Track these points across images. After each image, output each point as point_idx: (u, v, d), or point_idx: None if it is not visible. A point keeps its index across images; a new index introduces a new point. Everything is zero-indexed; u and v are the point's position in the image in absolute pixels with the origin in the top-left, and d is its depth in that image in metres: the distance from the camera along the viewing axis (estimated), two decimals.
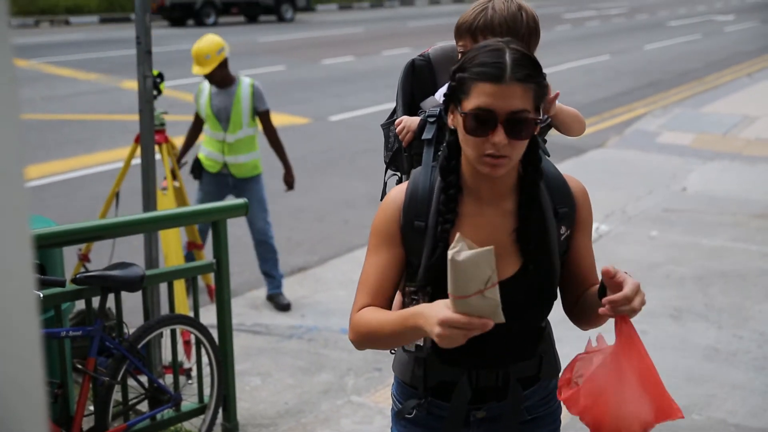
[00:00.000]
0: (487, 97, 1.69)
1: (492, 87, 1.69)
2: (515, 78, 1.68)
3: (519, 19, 2.08)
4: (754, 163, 9.53)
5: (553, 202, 1.89)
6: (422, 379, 1.97)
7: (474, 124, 1.71)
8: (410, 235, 1.86)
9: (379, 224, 1.90)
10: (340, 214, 7.62)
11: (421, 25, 24.86)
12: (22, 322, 0.73)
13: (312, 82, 14.58)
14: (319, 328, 5.23)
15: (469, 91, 1.72)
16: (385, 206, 1.90)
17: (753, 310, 5.44)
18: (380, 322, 1.79)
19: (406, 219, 1.86)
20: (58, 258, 3.49)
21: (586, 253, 1.97)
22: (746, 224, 7.24)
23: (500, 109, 1.69)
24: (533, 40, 2.15)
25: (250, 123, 5.39)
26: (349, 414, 4.10)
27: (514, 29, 2.06)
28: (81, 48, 18.12)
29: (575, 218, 1.93)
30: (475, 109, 1.71)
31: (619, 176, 8.82)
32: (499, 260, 1.83)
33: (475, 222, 1.86)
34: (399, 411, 2.04)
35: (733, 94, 13.74)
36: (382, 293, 1.87)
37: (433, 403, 1.98)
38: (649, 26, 26.05)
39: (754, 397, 4.33)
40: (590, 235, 1.99)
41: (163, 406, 3.54)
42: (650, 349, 4.92)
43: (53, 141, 9.87)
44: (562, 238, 1.91)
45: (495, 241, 1.84)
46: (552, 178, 1.91)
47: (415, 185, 1.89)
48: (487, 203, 1.86)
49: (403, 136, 2.14)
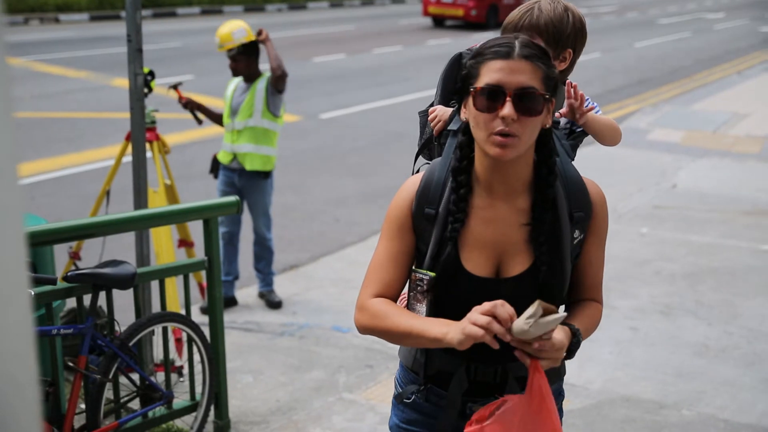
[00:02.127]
0: (495, 72, 1.74)
1: (500, 62, 1.74)
2: (522, 55, 1.73)
3: (565, 19, 2.10)
4: (744, 160, 9.58)
5: (569, 205, 1.88)
6: (423, 365, 1.98)
7: (483, 100, 1.75)
8: (420, 222, 1.88)
9: (393, 209, 1.92)
10: (331, 212, 7.62)
11: (413, 23, 24.85)
12: (16, 319, 0.74)
13: (303, 79, 14.56)
14: (311, 325, 5.23)
15: (478, 74, 1.77)
16: (401, 192, 1.93)
17: (742, 306, 5.47)
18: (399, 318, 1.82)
19: (418, 205, 1.89)
20: (49, 256, 3.48)
21: (595, 262, 1.96)
22: (735, 221, 7.28)
23: (509, 84, 1.73)
24: (579, 41, 2.16)
25: (264, 114, 5.25)
26: (341, 411, 4.11)
27: (560, 29, 2.08)
28: (71, 46, 18.05)
29: (590, 224, 1.92)
30: (484, 85, 1.75)
31: (609, 173, 8.84)
32: (509, 257, 1.85)
33: (486, 216, 1.86)
34: (399, 395, 2.06)
35: (722, 91, 13.79)
36: (393, 281, 1.90)
37: (432, 390, 2.00)
38: (639, 24, 26.11)
39: (743, 393, 4.35)
40: (603, 245, 1.97)
41: (154, 404, 3.54)
42: (641, 346, 4.94)
43: (43, 139, 9.83)
44: (575, 242, 1.91)
45: (505, 236, 1.85)
46: (571, 181, 1.91)
47: (431, 173, 1.91)
48: (501, 198, 1.86)
49: (434, 125, 2.15)
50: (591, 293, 1.98)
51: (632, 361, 4.71)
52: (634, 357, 4.76)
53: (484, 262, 1.85)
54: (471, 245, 1.85)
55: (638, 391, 4.37)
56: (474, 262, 1.85)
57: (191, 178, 7.87)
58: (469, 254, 1.85)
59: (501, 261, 1.86)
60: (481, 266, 1.85)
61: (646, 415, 4.11)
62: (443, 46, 18.79)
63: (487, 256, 1.85)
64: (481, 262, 1.85)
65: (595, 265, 1.96)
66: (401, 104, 12.53)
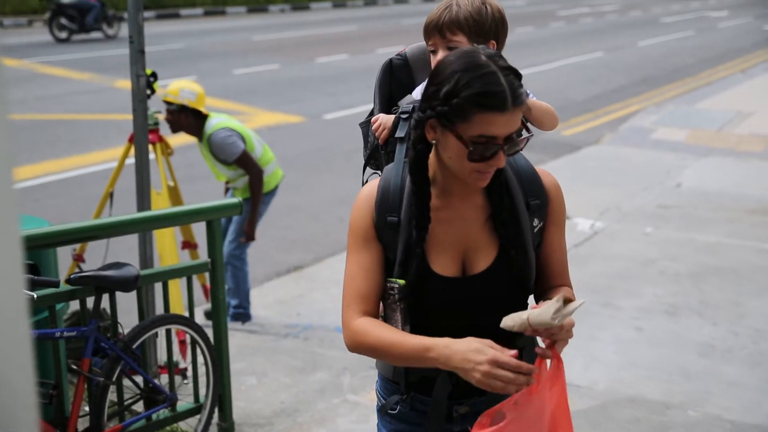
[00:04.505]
0: (490, 126, 1.71)
1: (496, 117, 1.70)
2: (515, 104, 1.71)
3: (483, 12, 2.12)
4: (748, 158, 9.55)
5: (524, 194, 1.89)
6: (404, 374, 1.97)
7: (478, 153, 1.73)
8: (384, 231, 1.87)
9: (355, 222, 1.90)
10: (334, 213, 7.61)
11: (415, 23, 24.84)
12: (12, 322, 0.73)
13: (306, 80, 14.56)
14: (315, 326, 5.23)
15: (468, 118, 1.71)
16: (359, 203, 1.91)
17: (748, 306, 5.45)
18: (391, 343, 1.80)
19: (379, 214, 1.87)
20: (52, 258, 3.47)
21: (557, 248, 1.97)
22: (740, 220, 7.26)
23: (502, 135, 1.72)
24: (501, 32, 2.17)
25: (230, 167, 5.11)
26: (345, 413, 4.09)
27: (480, 22, 2.09)
28: (74, 48, 18.08)
29: (547, 211, 1.93)
30: (477, 137, 1.71)
31: (613, 173, 8.83)
32: (474, 254, 1.85)
33: (446, 217, 1.87)
34: (382, 406, 2.05)
35: (726, 90, 13.76)
36: (371, 293, 1.88)
37: (416, 398, 1.98)
38: (642, 23, 26.07)
39: (749, 393, 4.33)
40: (563, 231, 1.99)
41: (158, 406, 3.53)
42: (646, 346, 4.91)
43: (47, 141, 9.84)
44: (536, 230, 1.91)
45: (466, 234, 1.86)
46: (523, 170, 1.92)
47: (386, 181, 1.90)
48: (457, 197, 1.87)
49: (379, 134, 2.16)
50: (559, 279, 1.97)
51: (637, 362, 4.69)
52: (639, 357, 4.74)
53: (450, 262, 1.86)
54: (435, 247, 1.86)
55: (643, 391, 4.35)
56: (441, 264, 1.86)
57: (195, 179, 7.87)
58: (435, 257, 1.86)
59: (465, 258, 1.87)
60: (447, 267, 1.86)
61: (652, 416, 4.09)
62: None
63: (452, 255, 1.86)
64: (447, 263, 1.86)
65: (557, 252, 1.97)
66: None
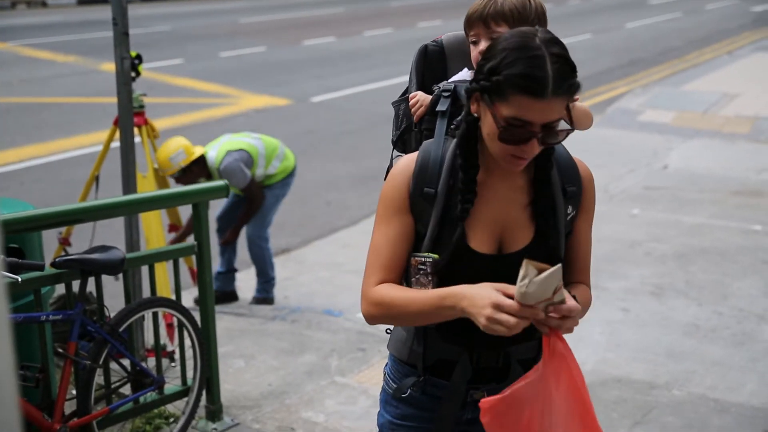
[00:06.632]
0: (526, 110, 1.68)
1: (532, 101, 1.67)
2: (556, 94, 1.67)
3: (528, 6, 2.14)
4: (734, 140, 9.59)
5: (562, 181, 1.89)
6: (421, 356, 1.95)
7: (509, 134, 1.71)
8: (419, 203, 1.86)
9: (388, 192, 1.88)
10: (322, 196, 7.61)
11: (404, 5, 24.75)
12: None
13: (293, 63, 14.49)
14: (302, 309, 5.23)
15: (506, 98, 1.69)
16: (395, 174, 1.89)
17: (732, 286, 5.49)
18: (408, 299, 1.79)
19: (416, 186, 1.85)
20: (37, 242, 3.46)
21: (584, 240, 1.96)
22: (726, 201, 7.30)
23: (537, 121, 1.69)
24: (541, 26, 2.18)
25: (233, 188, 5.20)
26: (333, 395, 4.11)
27: (524, 15, 2.12)
28: (59, 30, 17.91)
29: (581, 201, 1.93)
30: (512, 118, 1.69)
31: (600, 155, 8.84)
32: (510, 233, 1.86)
33: (488, 195, 1.85)
34: (396, 390, 2.01)
35: (713, 72, 13.79)
36: (395, 265, 1.87)
37: (430, 381, 1.96)
38: (630, 5, 26.04)
39: (733, 373, 4.37)
40: (591, 223, 1.98)
41: (145, 389, 3.53)
42: (632, 327, 4.94)
43: (32, 124, 9.77)
44: (568, 219, 1.91)
45: (506, 213, 1.86)
46: (562, 157, 1.92)
47: (426, 152, 1.89)
48: (499, 177, 1.86)
49: (415, 111, 2.15)
50: (580, 276, 1.97)
51: (623, 342, 4.72)
52: (625, 338, 4.77)
53: (487, 239, 1.85)
54: (473, 223, 1.85)
55: (629, 371, 4.38)
56: (478, 240, 1.85)
57: None
58: (473, 232, 1.85)
59: (502, 238, 1.86)
60: (484, 243, 1.85)
61: (638, 396, 4.12)
62: (434, 29, 18.71)
63: (490, 233, 1.85)
64: (484, 240, 1.85)
65: (584, 246, 1.97)
66: (392, 87, 12.48)
